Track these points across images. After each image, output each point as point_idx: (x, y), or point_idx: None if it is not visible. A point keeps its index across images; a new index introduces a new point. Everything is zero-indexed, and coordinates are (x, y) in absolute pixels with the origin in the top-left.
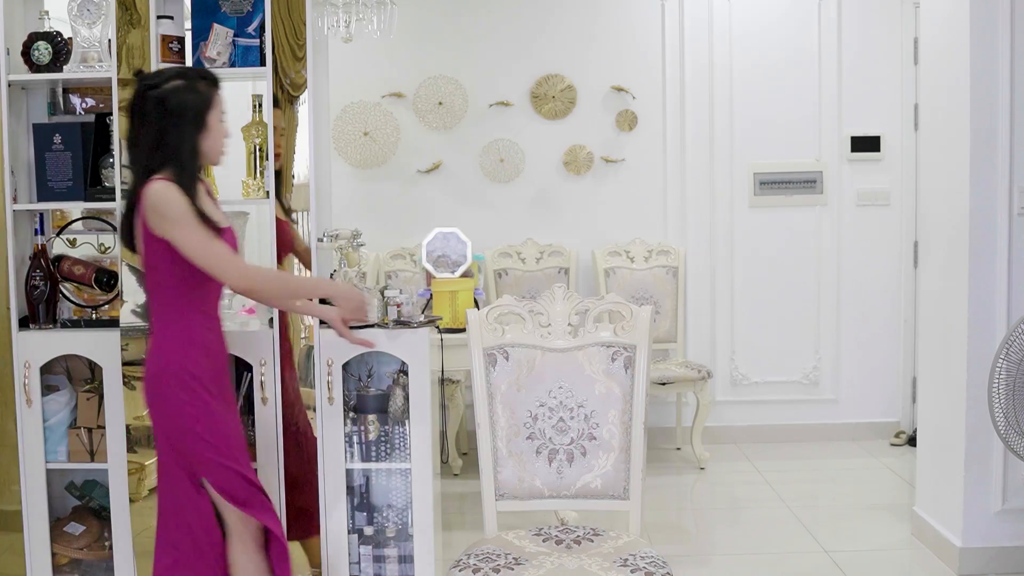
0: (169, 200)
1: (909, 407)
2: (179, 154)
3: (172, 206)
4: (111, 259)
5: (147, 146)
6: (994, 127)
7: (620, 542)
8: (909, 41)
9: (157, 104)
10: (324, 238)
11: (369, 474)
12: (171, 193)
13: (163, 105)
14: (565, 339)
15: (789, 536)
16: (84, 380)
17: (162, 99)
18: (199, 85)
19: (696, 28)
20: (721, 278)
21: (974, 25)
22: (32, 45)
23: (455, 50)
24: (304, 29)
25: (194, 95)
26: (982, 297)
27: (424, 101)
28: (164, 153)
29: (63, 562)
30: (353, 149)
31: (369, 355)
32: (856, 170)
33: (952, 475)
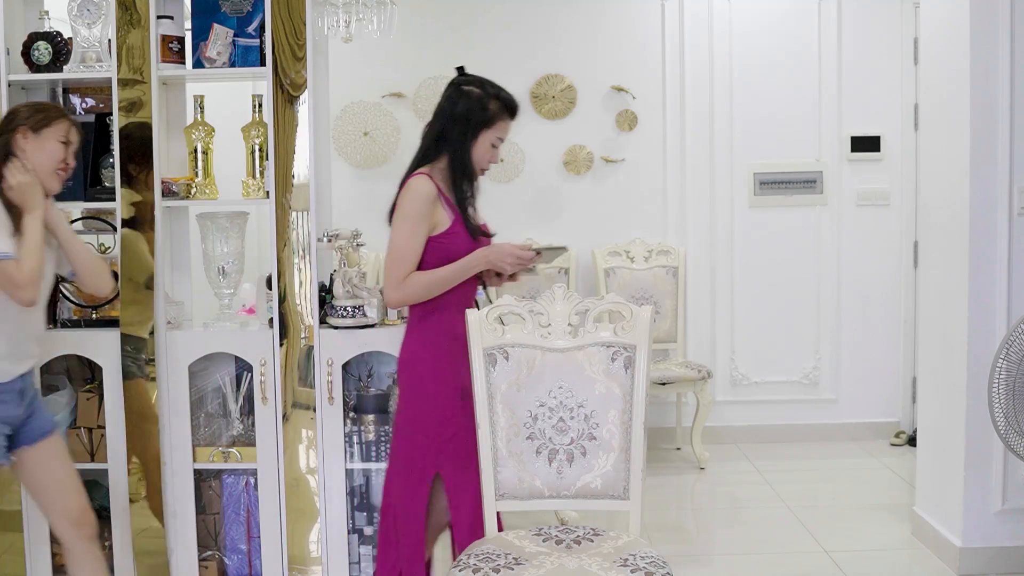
0: (411, 194)
1: (909, 407)
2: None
3: (408, 201)
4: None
5: (428, 138)
6: (994, 127)
7: (620, 542)
8: (909, 41)
9: (450, 102)
10: (324, 238)
11: (369, 474)
12: (419, 189)
13: (453, 105)
14: (565, 339)
15: (789, 536)
16: (84, 380)
17: (455, 100)
18: (491, 104)
19: (696, 28)
20: (721, 278)
21: (974, 25)
22: (32, 45)
23: (455, 50)
24: (304, 29)
25: (480, 110)
26: (982, 297)
27: (424, 101)
28: (438, 149)
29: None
30: (353, 149)
31: (369, 355)
32: (856, 170)
33: (952, 475)
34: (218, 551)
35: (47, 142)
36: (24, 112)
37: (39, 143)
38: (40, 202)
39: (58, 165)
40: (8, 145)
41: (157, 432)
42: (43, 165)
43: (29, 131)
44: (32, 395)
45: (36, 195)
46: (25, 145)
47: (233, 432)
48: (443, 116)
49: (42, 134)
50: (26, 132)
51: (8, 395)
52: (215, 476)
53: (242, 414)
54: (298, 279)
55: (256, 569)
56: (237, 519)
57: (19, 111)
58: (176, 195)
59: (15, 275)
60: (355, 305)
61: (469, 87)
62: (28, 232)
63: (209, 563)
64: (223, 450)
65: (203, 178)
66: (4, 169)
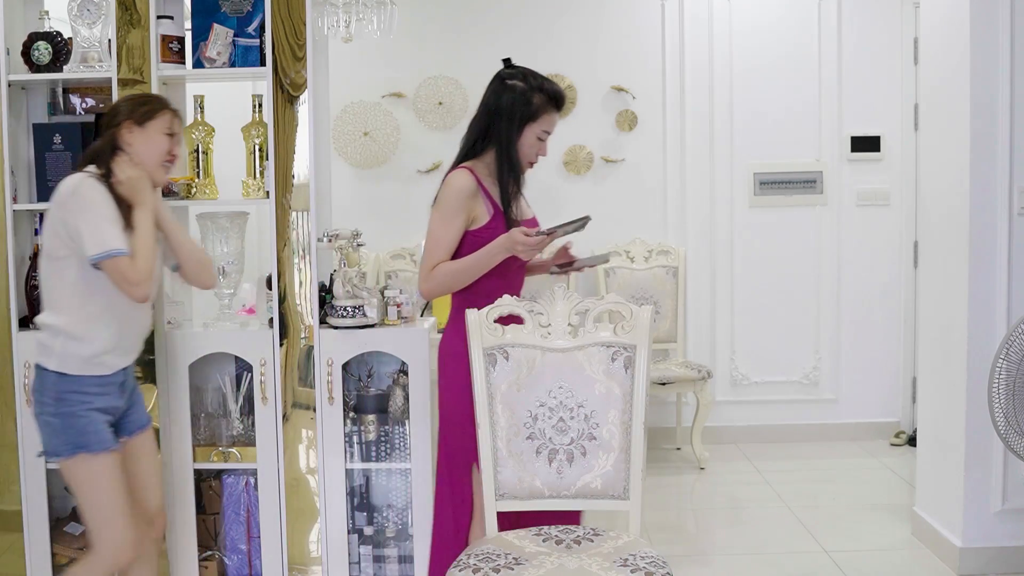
0: (448, 188)
1: (909, 407)
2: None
3: (444, 194)
4: None
5: (474, 133)
6: (994, 127)
7: (620, 542)
8: (909, 41)
9: (495, 96)
10: (324, 238)
11: (369, 474)
12: (455, 183)
13: (498, 99)
14: (565, 339)
15: (789, 536)
16: None
17: (499, 93)
18: (535, 97)
19: (696, 28)
20: (721, 278)
21: (974, 25)
22: (32, 45)
23: (455, 50)
24: (304, 29)
25: (524, 103)
26: (982, 297)
27: (424, 101)
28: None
29: (63, 562)
30: (353, 149)
31: (369, 355)
32: (856, 170)
33: (952, 475)
34: (218, 551)
35: (153, 135)
36: (128, 106)
37: (145, 136)
38: (149, 196)
39: (165, 157)
40: (114, 140)
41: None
42: (150, 158)
43: (134, 125)
44: (132, 387)
45: (145, 189)
46: (131, 139)
47: (233, 432)
48: (488, 110)
49: (147, 127)
50: (131, 126)
51: (111, 387)
52: (215, 476)
53: (242, 414)
54: (298, 279)
55: (256, 569)
56: (237, 519)
57: (122, 105)
58: (176, 195)
59: (129, 272)
60: (355, 305)
61: (513, 80)
62: (139, 227)
63: (209, 563)
64: (223, 450)
65: (203, 178)
66: (112, 164)
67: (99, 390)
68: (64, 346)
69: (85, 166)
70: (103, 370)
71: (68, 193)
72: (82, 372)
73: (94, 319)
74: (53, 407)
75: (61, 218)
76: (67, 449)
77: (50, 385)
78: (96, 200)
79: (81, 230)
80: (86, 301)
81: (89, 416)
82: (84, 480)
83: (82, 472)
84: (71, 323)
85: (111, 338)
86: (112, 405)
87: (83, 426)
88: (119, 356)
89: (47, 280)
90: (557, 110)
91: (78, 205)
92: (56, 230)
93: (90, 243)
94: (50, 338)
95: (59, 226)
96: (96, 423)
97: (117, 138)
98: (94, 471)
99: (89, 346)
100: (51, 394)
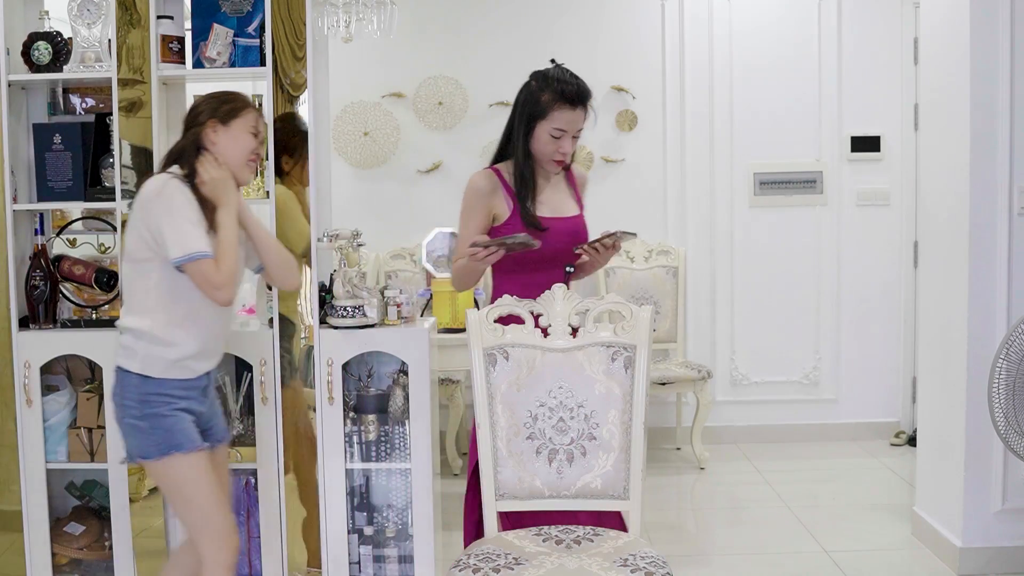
0: (466, 188)
1: (909, 407)
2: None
3: (464, 194)
4: (111, 259)
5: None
6: (994, 127)
7: (620, 542)
8: (909, 41)
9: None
10: (324, 238)
11: (369, 474)
12: (471, 183)
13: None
14: (565, 339)
15: (789, 536)
16: (84, 380)
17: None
18: (543, 95)
19: (696, 28)
20: (721, 278)
21: (974, 25)
22: (32, 45)
23: (455, 50)
24: (304, 29)
25: (533, 102)
26: (982, 297)
27: (424, 101)
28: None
29: (63, 562)
30: (353, 149)
31: (369, 355)
32: (856, 170)
33: (952, 475)
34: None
35: (237, 133)
36: (211, 104)
37: (229, 135)
38: (234, 196)
39: (249, 156)
40: (198, 139)
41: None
42: (235, 157)
43: (218, 124)
44: (212, 395)
45: (230, 189)
46: (215, 138)
47: (233, 432)
48: (512, 110)
49: (231, 126)
50: (215, 125)
51: (194, 391)
52: None
53: (242, 414)
54: None
55: (256, 569)
56: (237, 519)
57: (205, 104)
58: None
59: (213, 275)
60: (355, 305)
61: (530, 79)
62: (223, 228)
63: None
64: None
65: None
66: (196, 164)
67: (183, 393)
68: (148, 349)
69: (167, 166)
70: (187, 374)
71: (152, 194)
72: (166, 375)
73: (178, 323)
74: (137, 409)
75: (143, 220)
76: (157, 451)
77: (132, 387)
78: (180, 201)
79: (164, 232)
80: (170, 305)
81: (176, 416)
82: (179, 481)
83: (175, 473)
84: (155, 327)
85: (195, 342)
86: (195, 409)
87: (171, 426)
88: (203, 360)
89: (129, 283)
90: (571, 107)
91: (162, 207)
92: (139, 232)
93: (173, 246)
94: (133, 341)
95: (141, 228)
96: (184, 422)
97: (201, 137)
98: (188, 470)
99: (174, 350)
100: (134, 397)
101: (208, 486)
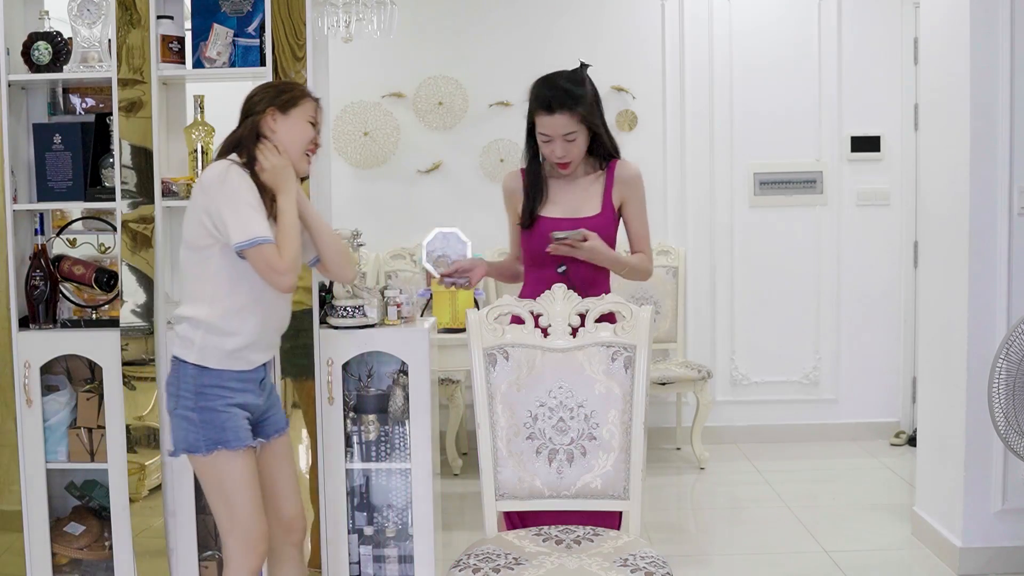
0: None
1: (909, 407)
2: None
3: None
4: (111, 259)
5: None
6: (994, 127)
7: (620, 542)
8: (909, 41)
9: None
10: None
11: (369, 474)
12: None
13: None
14: (565, 339)
15: (789, 536)
16: (84, 380)
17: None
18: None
19: (696, 28)
20: (721, 278)
21: (974, 25)
22: (32, 45)
23: (455, 50)
24: (304, 29)
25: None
26: (982, 297)
27: (424, 101)
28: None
29: (63, 562)
30: (353, 149)
31: (369, 355)
32: (856, 170)
33: (952, 475)
34: (218, 551)
35: (296, 122)
36: (269, 93)
37: (288, 124)
38: (293, 184)
39: (308, 146)
40: (257, 128)
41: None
42: (293, 146)
43: (277, 112)
44: (270, 387)
45: (289, 177)
46: (275, 127)
47: None
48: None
49: (290, 115)
50: (275, 113)
51: (251, 383)
52: None
53: None
54: None
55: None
56: None
57: (262, 93)
58: (176, 195)
59: (275, 261)
60: (355, 305)
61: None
62: (284, 216)
63: (209, 563)
64: None
65: None
66: (256, 151)
67: (240, 385)
68: (205, 339)
69: (226, 154)
70: (244, 365)
71: (213, 180)
72: (223, 366)
73: (237, 311)
74: (192, 401)
75: (204, 206)
76: (206, 445)
77: (189, 379)
78: (242, 187)
79: (226, 218)
80: (230, 292)
81: (229, 411)
82: (220, 477)
83: (218, 469)
84: (214, 315)
85: (253, 331)
86: (251, 402)
87: (223, 421)
88: (260, 351)
89: (188, 271)
90: (548, 113)
91: (223, 193)
92: (199, 219)
93: (235, 231)
94: (190, 330)
95: (202, 214)
96: (236, 418)
97: (260, 126)
98: (231, 468)
99: (232, 339)
100: (190, 388)
101: (248, 488)
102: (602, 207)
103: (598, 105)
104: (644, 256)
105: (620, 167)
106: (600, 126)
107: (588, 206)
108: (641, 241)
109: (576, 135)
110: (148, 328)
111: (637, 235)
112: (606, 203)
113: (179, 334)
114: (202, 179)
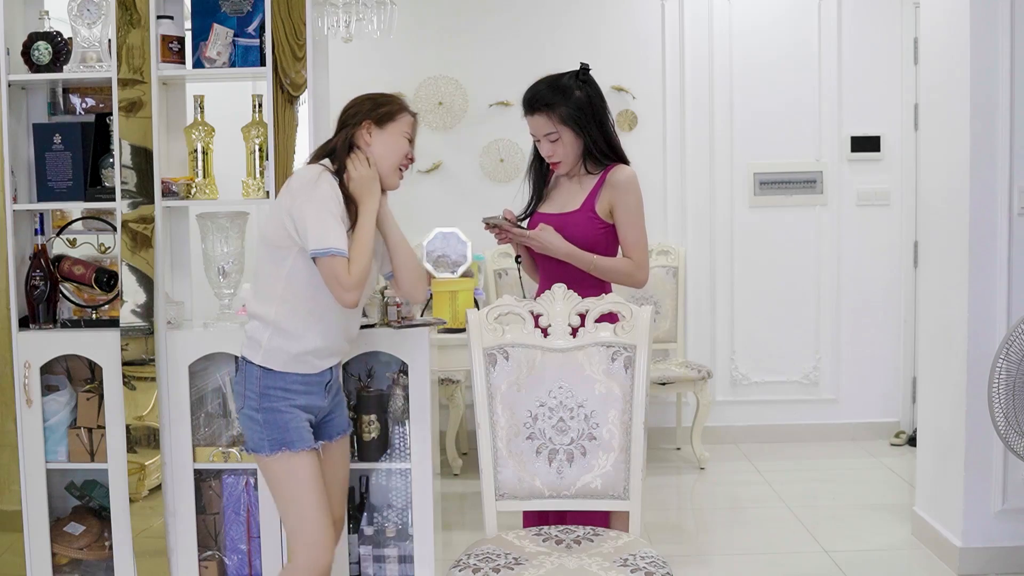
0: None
1: (909, 407)
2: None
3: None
4: (111, 259)
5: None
6: (994, 127)
7: (620, 542)
8: (909, 41)
9: None
10: None
11: (369, 474)
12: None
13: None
14: (565, 339)
15: (789, 536)
16: (84, 380)
17: None
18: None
19: (696, 28)
20: (721, 278)
21: (974, 25)
22: (32, 45)
23: (455, 50)
24: (304, 29)
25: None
26: (982, 297)
27: (424, 101)
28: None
29: (63, 562)
30: None
31: (369, 355)
32: (856, 170)
33: (952, 475)
34: (218, 551)
35: (392, 136)
36: (368, 105)
37: (383, 138)
38: (377, 198)
39: (402, 161)
40: (351, 138)
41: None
42: (387, 160)
43: (374, 125)
44: (336, 389)
45: (375, 190)
46: (369, 139)
47: (233, 432)
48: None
49: (386, 128)
50: (370, 126)
51: (315, 387)
52: (215, 476)
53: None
54: None
55: (256, 569)
56: (237, 519)
57: (361, 104)
58: (176, 195)
59: (343, 275)
60: None
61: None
62: (361, 230)
63: (209, 563)
64: (223, 450)
65: (203, 178)
66: (347, 161)
67: (303, 388)
68: (271, 340)
69: (318, 160)
70: (308, 368)
71: (304, 183)
72: (287, 369)
73: (303, 316)
74: (256, 401)
75: (288, 208)
76: (269, 446)
77: (254, 380)
78: (329, 196)
79: (308, 223)
80: (297, 296)
81: (292, 413)
82: (284, 478)
83: (282, 470)
84: (281, 316)
85: (318, 337)
86: (315, 404)
87: (286, 423)
88: (325, 357)
89: (262, 268)
90: (528, 114)
91: (311, 197)
92: (281, 219)
93: (314, 237)
94: (259, 330)
95: (285, 216)
96: (298, 420)
97: (355, 137)
98: (294, 469)
99: (297, 343)
100: (255, 388)
101: (312, 491)
102: (582, 205)
103: (593, 108)
104: (631, 262)
105: (614, 171)
106: (592, 129)
107: (571, 203)
108: (631, 247)
109: (558, 135)
110: (148, 328)
111: (626, 240)
112: (587, 202)
113: (248, 334)
114: (291, 181)
